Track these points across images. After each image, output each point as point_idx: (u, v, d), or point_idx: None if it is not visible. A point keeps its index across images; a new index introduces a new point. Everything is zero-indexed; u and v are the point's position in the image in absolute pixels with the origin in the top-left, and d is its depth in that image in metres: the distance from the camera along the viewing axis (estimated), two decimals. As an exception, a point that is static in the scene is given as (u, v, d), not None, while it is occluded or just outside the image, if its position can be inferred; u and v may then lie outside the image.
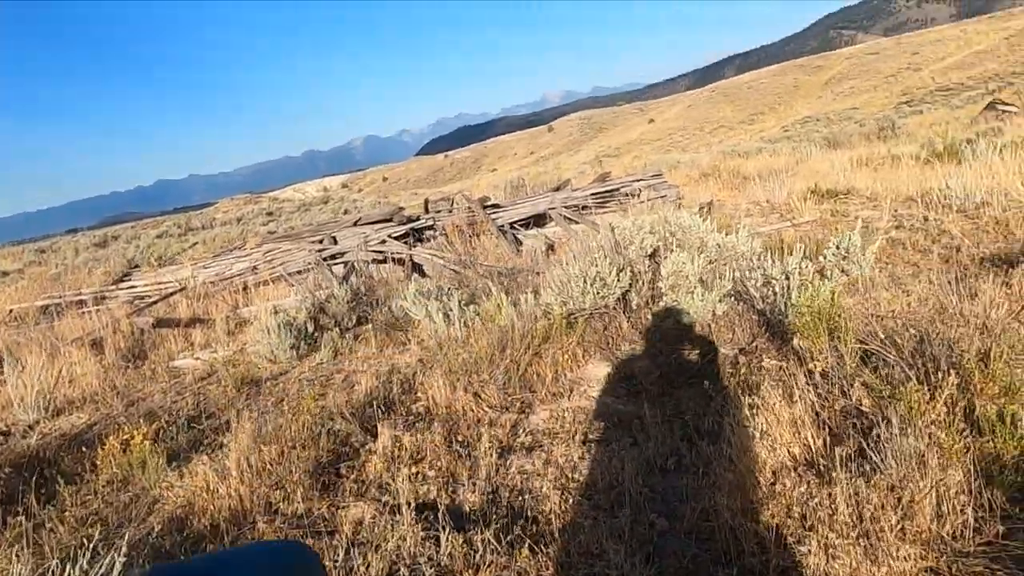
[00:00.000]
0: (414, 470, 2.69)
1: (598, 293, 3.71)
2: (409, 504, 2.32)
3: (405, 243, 8.56)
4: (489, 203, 10.00)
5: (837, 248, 3.47)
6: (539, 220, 9.35)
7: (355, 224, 9.30)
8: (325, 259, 8.56)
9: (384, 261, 8.21)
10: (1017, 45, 55.18)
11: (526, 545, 2.06)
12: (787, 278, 3.29)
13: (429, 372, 3.73)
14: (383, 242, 8.55)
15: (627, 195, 9.41)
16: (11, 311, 8.93)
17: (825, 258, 3.50)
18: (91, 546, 2.03)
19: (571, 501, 2.34)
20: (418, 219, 9.31)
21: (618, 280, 3.75)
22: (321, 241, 9.07)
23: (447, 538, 2.11)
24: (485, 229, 8.51)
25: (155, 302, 8.16)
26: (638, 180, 9.79)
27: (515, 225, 9.07)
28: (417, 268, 7.82)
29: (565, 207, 9.12)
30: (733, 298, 3.71)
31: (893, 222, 5.75)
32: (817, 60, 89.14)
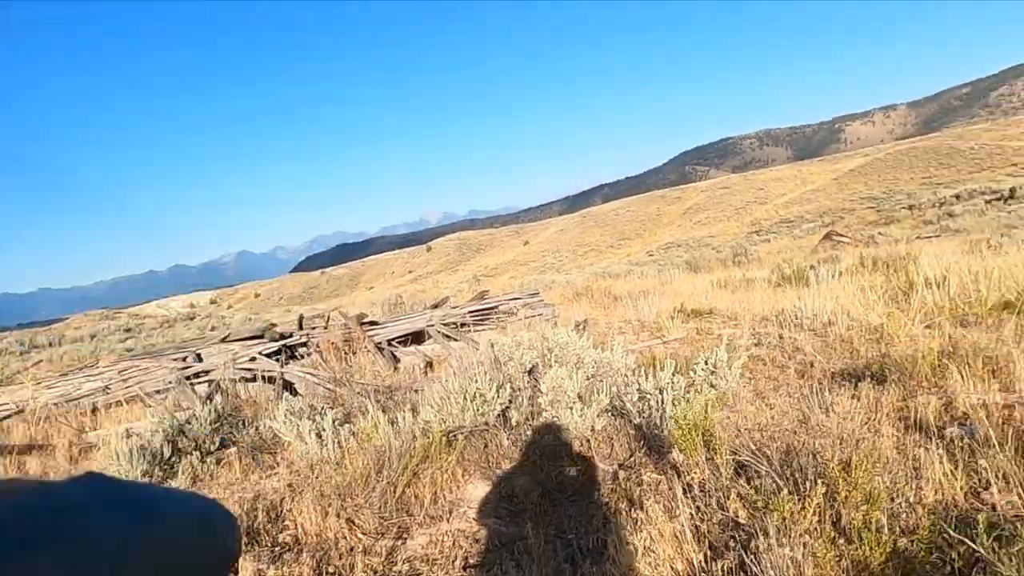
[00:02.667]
0: (277, 610, 2.45)
1: (478, 410, 3.66)
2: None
3: (277, 360, 8.20)
4: (366, 319, 9.86)
5: (706, 363, 3.64)
6: (418, 337, 9.28)
7: (223, 341, 8.86)
8: (188, 378, 8.02)
9: (254, 379, 7.80)
10: (844, 184, 62.63)
11: None
12: (661, 392, 3.39)
13: (299, 497, 3.49)
14: (253, 359, 8.16)
15: (505, 313, 9.57)
16: None
17: (695, 373, 3.65)
18: None
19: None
20: (291, 335, 8.99)
21: (498, 397, 3.73)
22: (184, 359, 8.54)
23: None
24: (362, 346, 8.34)
25: (-20, 428, 7.28)
26: (515, 298, 10.02)
27: (393, 342, 8.95)
28: (289, 386, 7.47)
29: (444, 324, 9.13)
30: (611, 413, 3.76)
31: (753, 339, 6.13)
32: (676, 192, 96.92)
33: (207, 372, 8.19)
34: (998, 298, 6.01)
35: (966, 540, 1.86)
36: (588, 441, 3.57)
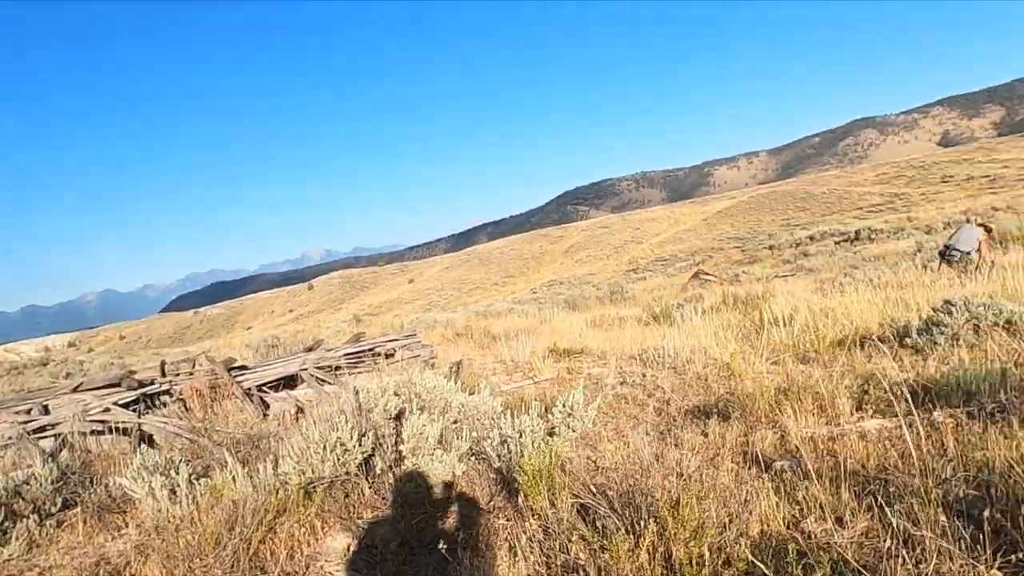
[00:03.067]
0: None
1: (339, 459, 3.61)
2: None
3: (134, 411, 7.71)
4: (236, 364, 9.46)
5: (563, 406, 3.77)
6: (291, 382, 9.00)
7: (75, 390, 8.24)
8: (31, 432, 7.40)
9: (108, 432, 7.30)
10: (713, 225, 66.48)
11: None
12: (521, 436, 3.48)
13: (146, 560, 3.30)
14: (107, 410, 7.63)
15: (382, 355, 9.47)
16: None
17: (552, 415, 3.77)
18: None
19: None
20: (152, 383, 8.49)
21: (359, 445, 3.70)
22: (29, 411, 7.87)
23: None
24: (229, 392, 8.00)
25: None
26: (392, 340, 9.93)
27: (264, 388, 8.64)
28: (147, 438, 7.04)
29: (318, 368, 8.91)
30: (474, 457, 3.81)
31: (619, 378, 6.38)
32: (558, 231, 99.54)
33: (54, 425, 7.58)
34: (835, 335, 6.57)
35: (774, 571, 2.03)
36: (450, 487, 3.59)
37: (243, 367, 9.35)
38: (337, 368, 9.07)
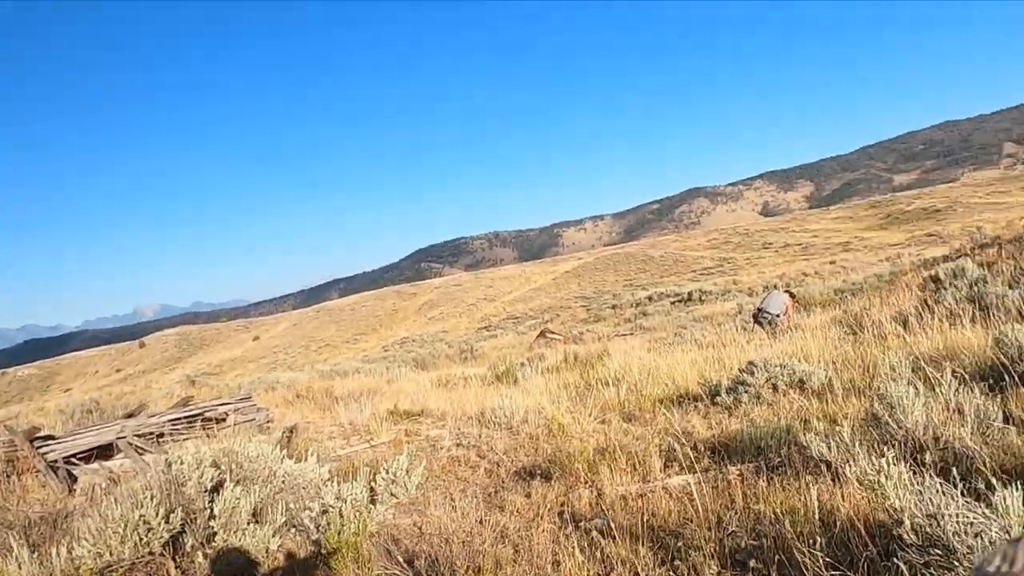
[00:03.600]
0: None
1: (141, 539, 3.37)
2: None
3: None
4: (41, 434, 8.59)
5: (387, 472, 3.76)
6: (106, 452, 8.28)
7: None
8: None
9: None
10: (562, 284, 68.95)
11: None
12: (343, 504, 3.42)
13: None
14: None
15: (213, 420, 8.95)
16: None
17: (376, 483, 3.75)
18: None
19: None
20: (-68, 459, 7.52)
21: (167, 522, 3.47)
22: None
23: None
24: (30, 466, 7.23)
25: None
26: (224, 404, 9.42)
27: (74, 459, 7.88)
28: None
29: (138, 435, 8.26)
30: (294, 529, 3.70)
31: (455, 440, 6.43)
32: (411, 288, 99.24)
33: None
34: (659, 394, 7.00)
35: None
36: (265, 563, 3.46)
37: (49, 436, 8.50)
38: (161, 435, 8.46)
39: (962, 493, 2.20)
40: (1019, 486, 2.11)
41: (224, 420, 8.89)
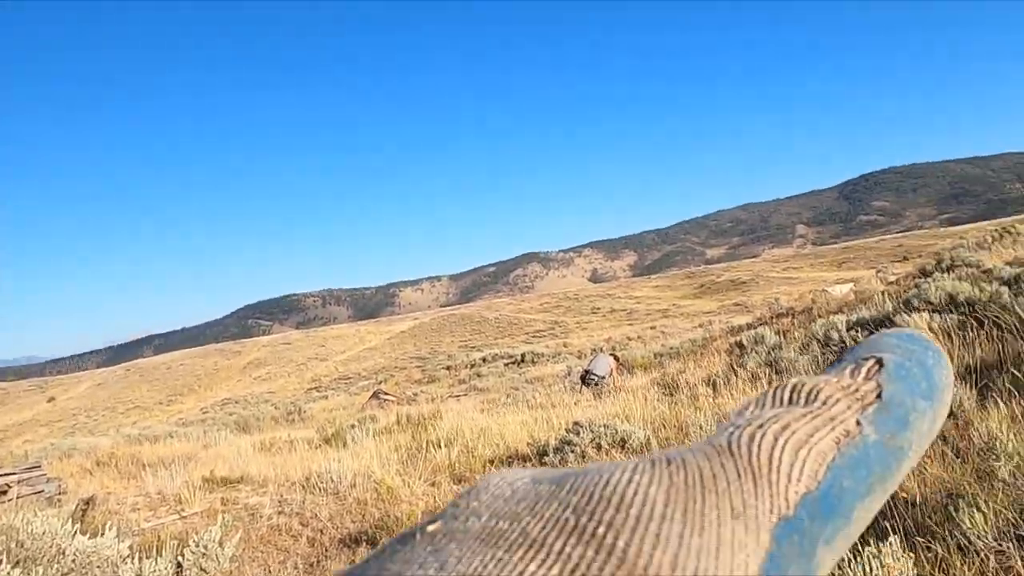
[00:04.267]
0: None
1: None
2: None
3: None
4: None
5: (197, 545, 3.48)
6: None
7: None
8: None
9: None
10: (397, 344, 68.29)
11: None
12: (143, 584, 3.11)
13: None
14: None
15: (-10, 492, 7.85)
16: None
17: (184, 557, 3.45)
18: None
19: None
20: None
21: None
22: None
23: None
24: None
25: None
26: (7, 474, 8.31)
27: None
28: None
29: None
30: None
31: (277, 508, 6.07)
32: (236, 346, 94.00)
33: None
34: (489, 455, 7.06)
35: None
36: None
37: None
38: (-81, 513, 7.28)
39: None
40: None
41: (5, 493, 7.84)
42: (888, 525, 2.72)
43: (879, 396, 0.30)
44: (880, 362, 0.33)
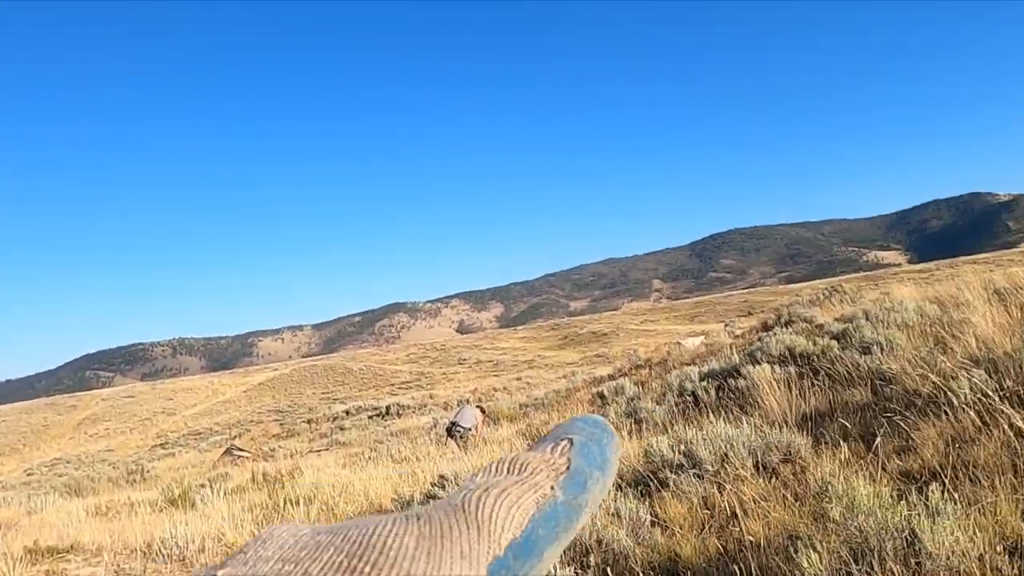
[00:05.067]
0: None
1: None
2: None
3: None
4: None
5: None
6: None
7: None
8: None
9: None
10: (254, 397, 65.04)
11: None
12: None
13: None
14: None
15: None
16: None
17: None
18: None
19: None
20: None
21: None
22: None
23: None
24: None
25: None
26: None
27: None
28: None
29: None
30: None
31: (112, 579, 5.56)
32: (71, 400, 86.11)
33: None
34: (351, 511, 6.84)
35: None
36: None
37: None
38: None
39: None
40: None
41: None
42: (736, 568, 2.89)
43: (568, 467, 0.44)
44: (571, 441, 0.47)
